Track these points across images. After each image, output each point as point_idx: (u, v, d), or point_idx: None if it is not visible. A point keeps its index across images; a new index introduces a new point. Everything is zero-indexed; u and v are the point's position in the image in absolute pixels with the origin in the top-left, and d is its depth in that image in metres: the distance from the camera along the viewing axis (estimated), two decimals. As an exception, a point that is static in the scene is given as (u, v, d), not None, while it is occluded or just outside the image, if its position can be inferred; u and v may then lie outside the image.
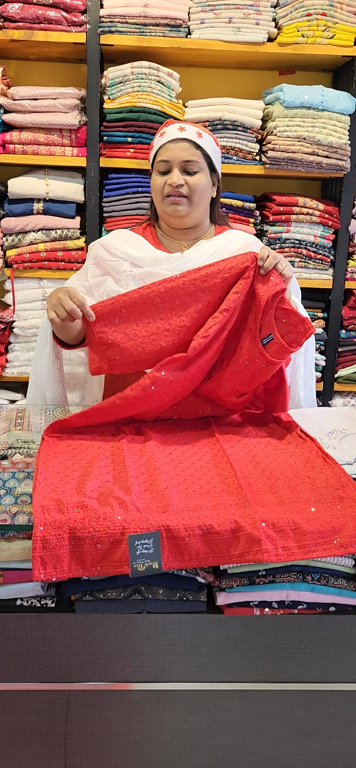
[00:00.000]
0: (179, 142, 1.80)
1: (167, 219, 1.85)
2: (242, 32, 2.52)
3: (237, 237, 1.87)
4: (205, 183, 1.83)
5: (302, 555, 1.16)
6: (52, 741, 1.24)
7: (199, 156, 1.81)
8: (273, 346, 1.57)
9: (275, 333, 1.57)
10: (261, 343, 1.58)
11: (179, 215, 1.81)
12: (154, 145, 1.87)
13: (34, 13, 2.45)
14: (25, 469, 1.36)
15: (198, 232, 1.89)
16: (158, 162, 1.82)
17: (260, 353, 1.57)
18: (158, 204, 1.85)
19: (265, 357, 1.57)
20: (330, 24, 2.53)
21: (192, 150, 1.80)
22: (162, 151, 1.82)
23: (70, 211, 2.63)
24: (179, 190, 1.78)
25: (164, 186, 1.80)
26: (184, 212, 1.81)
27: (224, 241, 1.83)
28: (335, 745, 1.27)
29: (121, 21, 2.48)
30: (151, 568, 1.13)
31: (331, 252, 2.75)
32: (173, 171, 1.79)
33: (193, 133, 1.81)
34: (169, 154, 1.80)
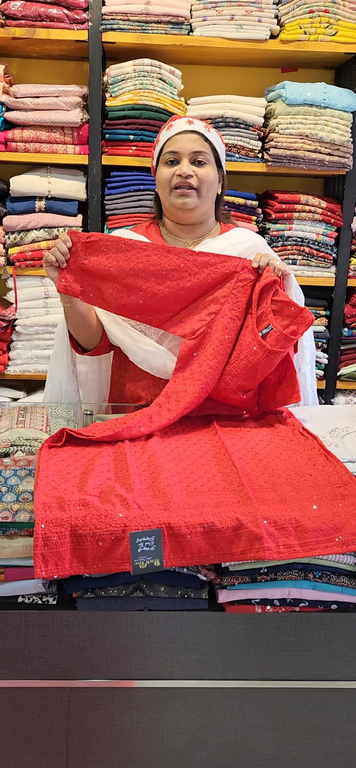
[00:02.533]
0: (188, 134, 1.78)
1: (173, 213, 1.82)
2: (244, 29, 2.51)
3: (244, 237, 1.85)
4: (213, 176, 1.80)
5: (304, 553, 1.16)
6: (53, 738, 1.24)
7: (207, 148, 1.79)
8: (272, 336, 1.59)
9: (273, 323, 1.58)
10: (260, 335, 1.59)
11: (188, 208, 1.78)
12: (160, 139, 1.84)
13: (36, 10, 2.45)
14: (26, 466, 1.36)
15: (203, 230, 1.86)
16: (166, 153, 1.79)
17: (260, 344, 1.59)
18: (166, 197, 1.81)
19: (265, 347, 1.58)
20: (333, 21, 2.52)
21: (201, 142, 1.78)
22: (170, 143, 1.79)
23: (73, 209, 2.63)
24: (188, 181, 1.75)
25: (172, 177, 1.77)
26: (192, 205, 1.78)
27: (232, 242, 1.81)
28: (336, 743, 1.27)
29: (123, 18, 2.48)
30: (152, 566, 1.13)
31: (333, 250, 2.74)
32: (183, 162, 1.76)
33: (201, 126, 1.80)
34: (178, 145, 1.77)
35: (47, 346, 2.72)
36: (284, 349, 1.60)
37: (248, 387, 1.65)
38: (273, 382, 1.69)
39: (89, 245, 1.64)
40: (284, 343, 1.59)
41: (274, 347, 1.58)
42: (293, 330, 1.59)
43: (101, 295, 1.67)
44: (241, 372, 1.62)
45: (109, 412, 1.82)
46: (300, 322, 1.59)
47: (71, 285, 1.66)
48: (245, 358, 1.61)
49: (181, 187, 1.76)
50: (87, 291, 1.67)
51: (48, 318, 2.70)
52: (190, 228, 1.84)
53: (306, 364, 1.85)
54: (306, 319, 1.59)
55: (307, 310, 1.60)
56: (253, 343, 1.60)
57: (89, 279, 1.66)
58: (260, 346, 1.59)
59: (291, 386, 1.67)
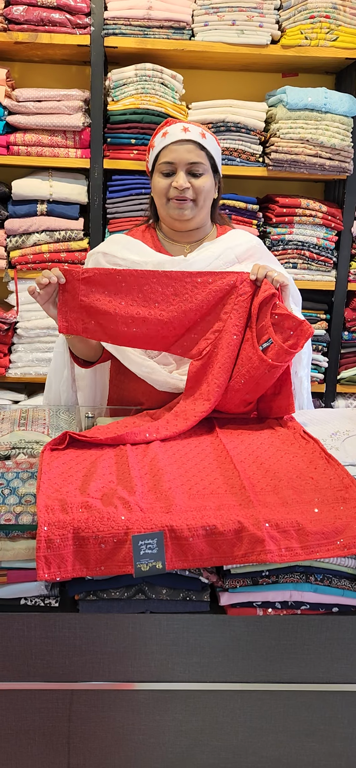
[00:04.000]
0: (183, 144, 1.75)
1: (170, 222, 1.81)
2: (245, 35, 2.53)
3: (242, 240, 1.83)
4: (209, 185, 1.79)
5: (305, 555, 1.16)
6: (55, 740, 1.24)
7: (203, 157, 1.77)
8: (272, 349, 1.59)
9: (273, 336, 1.59)
10: (260, 349, 1.60)
11: (185, 218, 1.77)
12: (155, 145, 1.81)
13: (39, 15, 2.46)
14: (28, 469, 1.36)
15: (200, 234, 1.86)
16: (162, 163, 1.77)
17: (261, 359, 1.60)
18: (162, 207, 1.80)
19: (266, 362, 1.59)
20: (334, 26, 2.54)
21: (197, 151, 1.75)
22: (166, 153, 1.76)
23: (74, 212, 2.64)
24: (185, 194, 1.74)
25: (169, 189, 1.76)
26: (189, 215, 1.77)
27: (229, 244, 1.79)
28: (337, 746, 1.27)
29: (125, 23, 2.49)
30: (154, 568, 1.14)
31: (334, 254, 2.75)
32: (179, 173, 1.74)
33: (197, 133, 1.76)
34: (173, 155, 1.75)
35: (48, 348, 2.72)
36: (284, 362, 1.61)
37: (250, 400, 1.67)
38: (271, 393, 1.70)
39: (85, 281, 1.62)
40: (284, 357, 1.59)
41: (275, 361, 1.59)
42: (293, 343, 1.60)
43: (104, 331, 1.65)
44: (244, 386, 1.63)
45: (108, 415, 1.82)
46: (299, 335, 1.60)
47: (72, 325, 1.65)
48: (247, 372, 1.62)
49: (178, 199, 1.75)
50: (89, 328, 1.65)
51: (49, 321, 2.70)
52: (187, 234, 1.84)
53: (303, 368, 1.84)
54: (305, 332, 1.59)
55: (306, 323, 1.60)
56: (254, 358, 1.61)
57: (90, 316, 1.64)
58: (261, 361, 1.59)
59: (286, 398, 1.68)
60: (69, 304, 1.63)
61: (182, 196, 1.75)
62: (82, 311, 1.64)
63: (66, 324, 1.64)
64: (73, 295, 1.63)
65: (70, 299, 1.63)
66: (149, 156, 1.86)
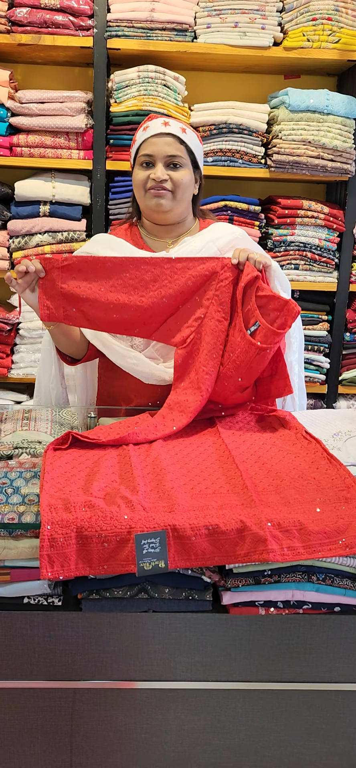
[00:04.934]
0: (163, 137, 1.77)
1: (149, 214, 1.82)
2: (247, 36, 2.53)
3: (224, 232, 1.83)
4: (188, 179, 1.80)
5: (307, 555, 1.17)
6: (57, 739, 1.25)
7: (183, 151, 1.78)
8: (261, 332, 1.59)
9: (260, 319, 1.58)
10: (248, 333, 1.59)
11: (163, 210, 1.78)
12: (136, 139, 1.83)
13: (42, 17, 2.47)
14: (32, 468, 1.37)
15: (182, 229, 1.86)
16: (141, 156, 1.79)
17: (250, 343, 1.59)
18: (141, 198, 1.81)
19: (255, 345, 1.58)
20: (336, 28, 2.54)
21: (176, 145, 1.77)
22: (145, 146, 1.78)
23: (77, 213, 2.65)
24: (163, 185, 1.76)
25: (147, 180, 1.77)
26: (167, 207, 1.78)
27: (211, 237, 1.80)
28: (339, 745, 1.28)
29: (128, 25, 2.50)
30: (157, 567, 1.14)
31: (336, 255, 2.76)
32: (157, 165, 1.76)
33: (177, 128, 1.79)
34: (153, 148, 1.77)
35: (51, 349, 2.73)
36: (274, 343, 1.59)
37: (245, 384, 1.66)
38: (267, 375, 1.69)
39: (64, 269, 1.63)
40: (273, 338, 1.58)
41: (264, 344, 1.58)
42: (280, 323, 1.58)
43: (85, 317, 1.67)
44: (236, 372, 1.63)
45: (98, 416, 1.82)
46: (286, 315, 1.58)
47: (53, 312, 1.65)
48: (237, 358, 1.62)
49: (155, 189, 1.76)
50: (70, 315, 1.66)
51: (52, 322, 2.71)
52: (168, 228, 1.84)
53: (293, 353, 1.83)
54: (292, 310, 1.58)
55: (292, 301, 1.59)
56: (243, 343, 1.61)
57: (70, 303, 1.65)
58: (250, 345, 1.59)
59: (283, 379, 1.67)
60: (49, 292, 1.64)
61: (160, 186, 1.76)
62: (63, 298, 1.65)
63: (47, 312, 1.65)
64: (52, 283, 1.64)
65: (50, 287, 1.64)
66: (131, 151, 1.88)
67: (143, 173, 1.79)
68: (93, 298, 1.65)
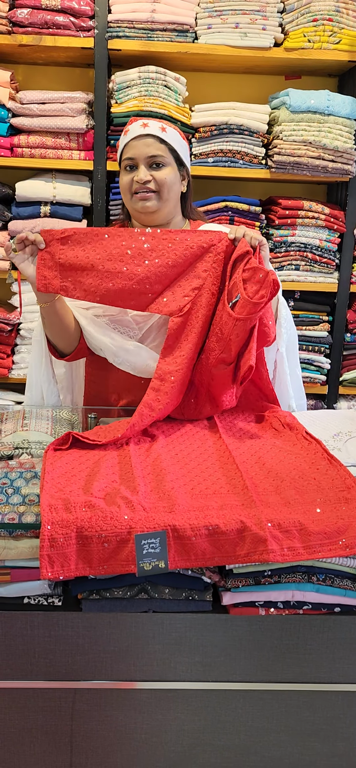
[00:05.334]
0: (142, 138, 1.78)
1: (137, 216, 1.83)
2: (248, 37, 2.53)
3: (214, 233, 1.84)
4: (173, 177, 1.80)
5: (307, 555, 1.17)
6: (58, 739, 1.25)
7: (164, 150, 1.79)
8: (240, 304, 1.59)
9: (241, 291, 1.58)
10: (229, 305, 1.60)
11: (149, 211, 1.79)
12: (119, 144, 1.85)
13: (43, 18, 2.47)
14: (32, 469, 1.37)
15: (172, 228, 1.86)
16: (124, 160, 1.81)
17: (228, 314, 1.60)
18: (128, 202, 1.83)
19: (232, 316, 1.58)
20: (336, 29, 2.54)
21: (157, 145, 1.78)
22: (127, 149, 1.80)
23: (77, 214, 2.65)
24: (147, 186, 1.77)
25: (131, 183, 1.79)
26: (154, 208, 1.78)
27: None
28: (339, 746, 1.28)
29: (128, 26, 2.50)
30: (157, 568, 1.14)
31: (336, 256, 2.76)
32: (140, 168, 1.77)
33: (156, 128, 1.79)
34: (133, 151, 1.78)
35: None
36: (251, 315, 1.57)
37: (227, 359, 1.64)
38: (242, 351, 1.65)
39: (63, 240, 1.65)
40: (250, 309, 1.56)
41: (241, 315, 1.57)
42: (261, 294, 1.57)
43: (82, 287, 1.67)
44: (217, 345, 1.63)
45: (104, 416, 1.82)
46: (266, 286, 1.57)
47: (51, 282, 1.66)
48: (219, 330, 1.62)
49: (141, 192, 1.77)
50: (67, 285, 1.67)
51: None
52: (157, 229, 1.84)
53: (283, 343, 1.83)
54: (270, 282, 1.56)
55: (272, 272, 1.58)
56: (223, 314, 1.61)
57: (68, 272, 1.66)
58: (228, 316, 1.59)
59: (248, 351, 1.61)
60: (47, 263, 1.65)
61: (144, 188, 1.77)
62: (60, 269, 1.66)
63: (44, 281, 1.66)
64: (51, 254, 1.65)
65: (49, 258, 1.65)
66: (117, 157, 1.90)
67: (127, 177, 1.80)
68: (90, 267, 1.65)
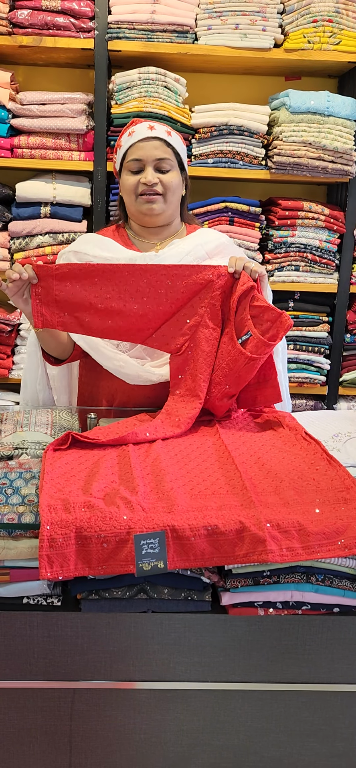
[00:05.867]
0: (150, 141, 1.79)
1: (140, 218, 1.83)
2: (248, 38, 2.54)
3: (211, 237, 1.86)
4: (177, 181, 1.82)
5: (306, 556, 1.17)
6: (57, 739, 1.25)
7: (170, 154, 1.80)
8: (251, 342, 1.60)
9: (252, 329, 1.59)
10: (239, 342, 1.61)
11: (154, 213, 1.80)
12: (121, 144, 1.84)
13: (43, 19, 2.47)
14: (31, 469, 1.37)
15: (170, 231, 1.88)
16: (130, 161, 1.80)
17: (240, 352, 1.60)
18: (131, 204, 1.83)
19: (244, 354, 1.59)
20: (336, 30, 2.55)
21: (164, 148, 1.79)
22: (133, 150, 1.80)
23: (77, 214, 2.65)
24: (154, 189, 1.77)
25: (138, 185, 1.79)
26: (159, 210, 1.79)
27: (200, 241, 1.82)
28: (338, 746, 1.28)
29: (128, 27, 2.51)
30: (156, 568, 1.14)
31: (336, 256, 2.76)
32: (147, 169, 1.78)
33: (163, 131, 1.81)
34: (141, 152, 1.78)
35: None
36: (264, 354, 1.60)
37: (233, 392, 1.66)
38: (254, 383, 1.69)
39: (59, 277, 1.63)
40: (264, 349, 1.59)
41: (254, 354, 1.59)
42: (272, 335, 1.59)
43: (80, 324, 1.66)
44: (224, 379, 1.64)
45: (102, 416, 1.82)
46: (278, 327, 1.59)
47: (48, 319, 1.65)
48: (227, 366, 1.63)
49: (147, 194, 1.78)
50: (65, 322, 1.66)
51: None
52: (156, 230, 1.85)
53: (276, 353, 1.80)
54: (284, 323, 1.58)
55: (285, 314, 1.60)
56: (233, 352, 1.62)
57: (65, 310, 1.65)
58: (240, 354, 1.60)
59: (273, 387, 1.68)
60: (43, 299, 1.64)
61: (151, 190, 1.77)
62: (57, 306, 1.64)
63: (41, 319, 1.65)
64: (46, 290, 1.63)
65: (44, 294, 1.64)
66: (115, 156, 1.89)
67: (133, 178, 1.80)
68: (88, 304, 1.64)
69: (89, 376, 1.90)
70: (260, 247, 2.74)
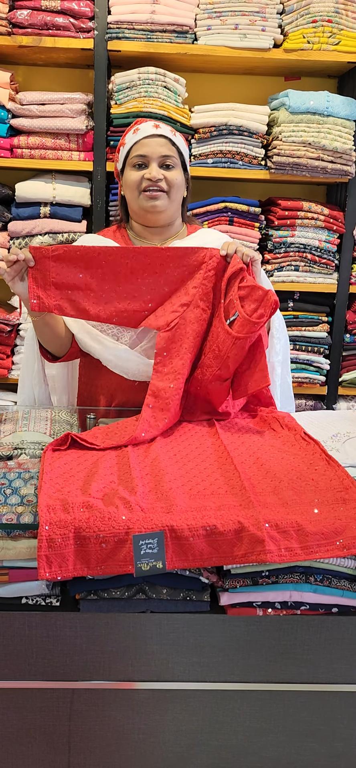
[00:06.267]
0: (155, 138, 1.80)
1: (142, 216, 1.83)
2: (248, 38, 2.54)
3: (212, 237, 1.86)
4: (180, 179, 1.83)
5: (305, 556, 1.17)
6: (55, 739, 1.25)
7: (175, 152, 1.81)
8: (238, 322, 1.60)
9: (239, 309, 1.59)
10: (227, 323, 1.61)
11: (158, 210, 1.80)
12: (125, 142, 1.84)
13: (43, 19, 2.47)
14: (30, 469, 1.37)
15: (171, 231, 1.88)
16: (134, 157, 1.81)
17: (226, 332, 1.60)
18: (134, 200, 1.82)
19: (231, 334, 1.59)
20: (336, 30, 2.55)
21: (169, 146, 1.80)
22: (138, 147, 1.80)
23: (77, 214, 2.66)
24: (159, 185, 1.77)
25: (141, 181, 1.79)
26: (162, 207, 1.79)
27: (201, 242, 1.81)
28: (337, 746, 1.28)
29: (128, 27, 2.51)
30: (155, 568, 1.14)
31: (336, 256, 2.76)
32: (152, 165, 1.78)
33: (168, 130, 1.82)
34: (146, 149, 1.79)
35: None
36: (250, 334, 1.59)
37: (224, 376, 1.65)
38: (244, 369, 1.69)
39: (55, 258, 1.63)
40: (250, 328, 1.58)
41: (240, 333, 1.58)
42: (260, 314, 1.59)
43: (76, 306, 1.67)
44: (214, 362, 1.64)
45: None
46: (265, 305, 1.59)
47: (44, 302, 1.65)
48: (216, 347, 1.63)
49: (150, 190, 1.78)
50: (61, 305, 1.66)
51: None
52: (158, 230, 1.85)
53: (276, 354, 1.83)
54: (269, 300, 1.58)
55: (272, 292, 1.59)
56: (221, 332, 1.62)
57: (62, 292, 1.65)
58: (226, 335, 1.60)
59: (260, 371, 1.66)
60: (39, 282, 1.64)
61: (155, 186, 1.77)
62: (53, 288, 1.65)
63: (37, 302, 1.65)
64: (43, 273, 1.64)
65: (41, 277, 1.64)
66: (118, 155, 1.88)
67: (136, 174, 1.80)
68: (84, 287, 1.65)
69: (88, 375, 1.89)
70: (259, 247, 2.74)
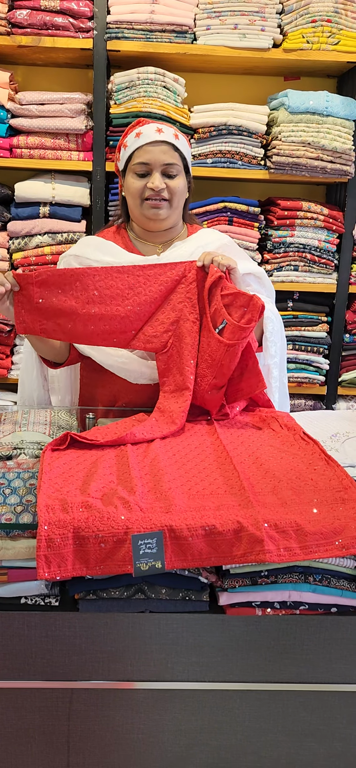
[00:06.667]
0: (158, 145, 1.76)
1: (144, 222, 1.82)
2: (247, 38, 2.54)
3: (213, 237, 1.85)
4: (183, 186, 1.81)
5: (304, 556, 1.17)
6: (55, 739, 1.25)
7: (177, 158, 1.79)
8: (228, 329, 1.61)
9: (227, 317, 1.61)
10: (216, 332, 1.62)
11: (160, 218, 1.79)
12: (127, 145, 1.81)
13: (42, 19, 2.47)
14: (30, 469, 1.37)
15: (172, 234, 1.87)
16: (136, 164, 1.78)
17: (218, 341, 1.62)
18: (136, 207, 1.81)
19: (223, 343, 1.61)
20: (335, 30, 2.55)
21: (172, 152, 1.77)
22: (140, 153, 1.77)
23: (76, 214, 2.66)
24: (161, 195, 1.76)
25: (144, 189, 1.77)
26: (164, 216, 1.79)
27: (201, 243, 1.81)
28: (336, 746, 1.28)
29: (127, 27, 2.51)
30: (154, 568, 1.14)
31: (335, 256, 2.76)
32: (154, 174, 1.76)
33: (170, 134, 1.78)
34: (148, 156, 1.76)
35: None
36: (241, 339, 1.60)
37: (220, 384, 1.66)
38: (237, 375, 1.69)
39: (39, 284, 1.63)
40: (240, 334, 1.59)
41: (232, 340, 1.60)
42: (248, 318, 1.60)
43: (62, 330, 1.67)
44: (209, 371, 1.64)
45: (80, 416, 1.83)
46: (252, 310, 1.59)
47: (30, 325, 1.66)
48: (209, 357, 1.64)
49: (153, 199, 1.77)
50: (47, 328, 1.67)
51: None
52: (160, 234, 1.85)
53: (271, 357, 1.82)
54: (256, 305, 1.59)
55: (257, 296, 1.60)
56: (212, 342, 1.63)
57: (47, 317, 1.66)
58: (218, 344, 1.61)
59: (255, 375, 1.67)
60: (25, 306, 1.65)
61: (158, 196, 1.76)
62: (39, 313, 1.66)
63: (23, 325, 1.66)
64: (28, 298, 1.64)
65: (26, 302, 1.65)
66: (119, 155, 1.86)
67: (139, 182, 1.78)
68: (70, 311, 1.65)
69: (90, 377, 1.89)
70: (259, 247, 2.74)
